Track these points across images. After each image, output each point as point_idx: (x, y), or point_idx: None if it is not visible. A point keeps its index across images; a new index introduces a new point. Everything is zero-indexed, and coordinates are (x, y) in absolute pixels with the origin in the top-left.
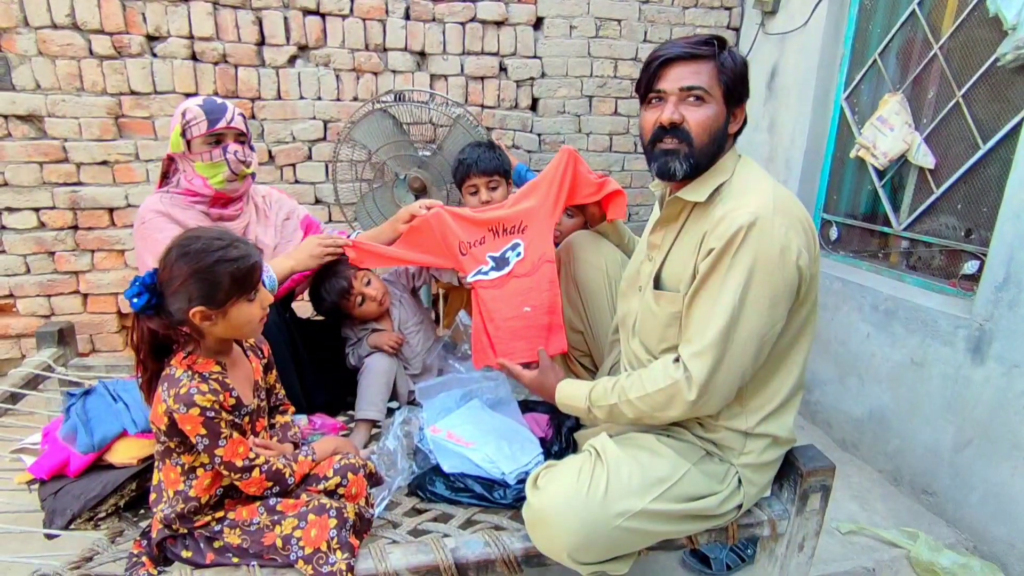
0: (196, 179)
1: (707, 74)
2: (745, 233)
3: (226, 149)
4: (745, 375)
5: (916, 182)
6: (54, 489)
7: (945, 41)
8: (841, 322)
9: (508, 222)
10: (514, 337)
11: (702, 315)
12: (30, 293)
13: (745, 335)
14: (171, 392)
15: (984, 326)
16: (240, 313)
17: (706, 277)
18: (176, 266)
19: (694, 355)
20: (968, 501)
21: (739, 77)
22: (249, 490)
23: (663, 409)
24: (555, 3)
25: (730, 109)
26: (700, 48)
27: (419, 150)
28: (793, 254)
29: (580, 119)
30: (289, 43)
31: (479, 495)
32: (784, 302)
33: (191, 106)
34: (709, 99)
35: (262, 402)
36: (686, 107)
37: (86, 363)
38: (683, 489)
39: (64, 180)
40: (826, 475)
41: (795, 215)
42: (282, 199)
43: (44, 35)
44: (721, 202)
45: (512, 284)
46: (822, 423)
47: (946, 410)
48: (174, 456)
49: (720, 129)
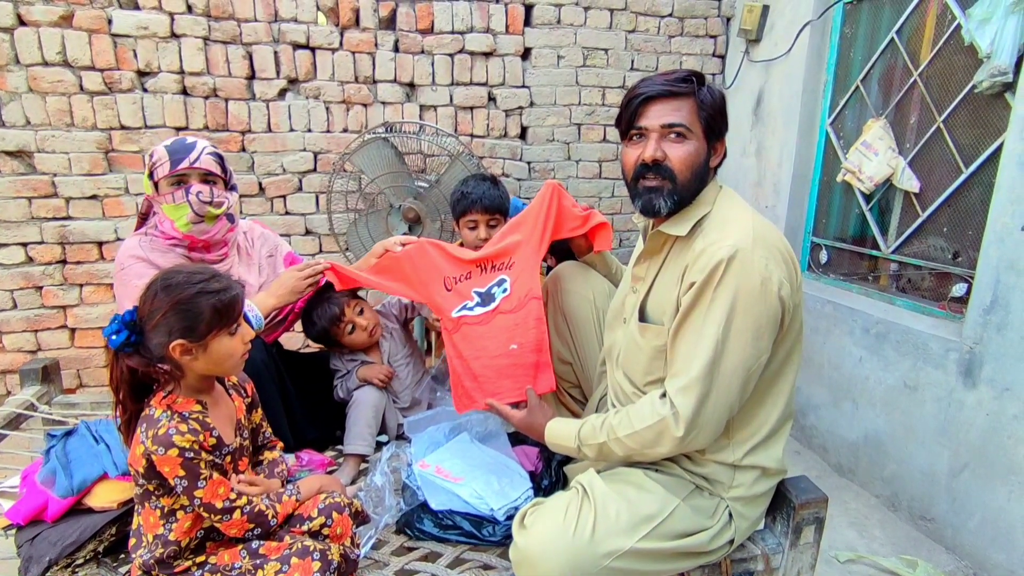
0: (166, 221)
1: (687, 111)
2: (726, 266)
3: (188, 190)
4: (732, 408)
5: (902, 205)
6: (31, 535)
7: (924, 68)
8: (833, 345)
9: (495, 259)
10: (501, 376)
11: (687, 349)
12: (16, 328)
13: (731, 368)
14: (149, 433)
15: (974, 349)
16: (221, 347)
17: (689, 311)
18: (157, 299)
19: (680, 390)
20: (967, 527)
21: (718, 112)
22: (230, 532)
23: (652, 446)
24: (543, 34)
25: (710, 144)
26: (679, 85)
27: (416, 180)
28: (774, 285)
29: (569, 147)
30: (279, 76)
31: (468, 533)
32: (768, 333)
33: (159, 148)
34: (690, 135)
35: (245, 441)
36: (667, 144)
37: (71, 400)
38: (672, 526)
39: (53, 215)
40: (819, 506)
41: (775, 246)
42: (265, 235)
43: (35, 72)
44: (702, 235)
45: (498, 320)
46: (818, 448)
47: (941, 434)
48: (153, 499)
49: (702, 164)
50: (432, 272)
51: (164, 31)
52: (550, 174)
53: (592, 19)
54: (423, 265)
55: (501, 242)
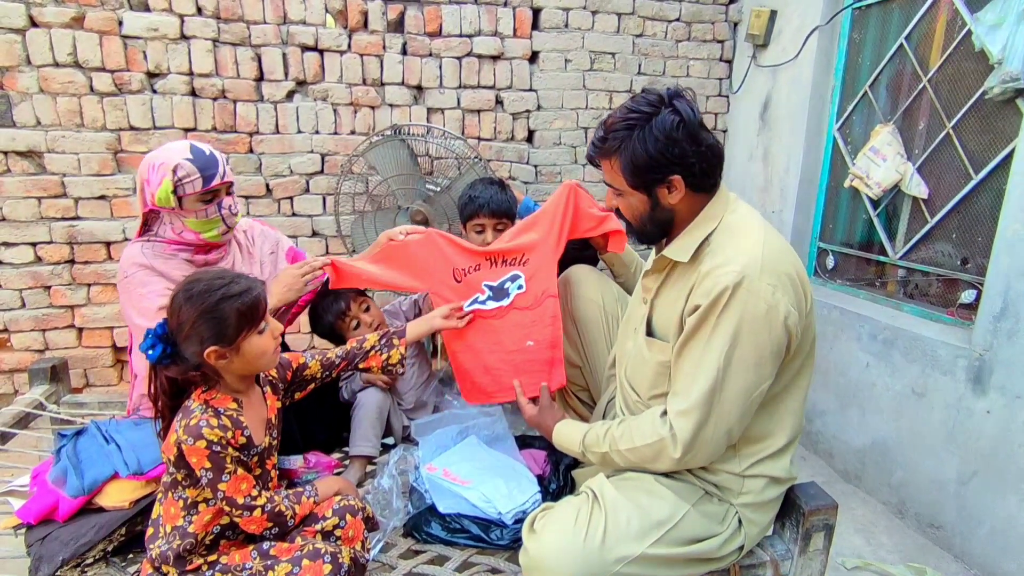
0: (188, 233)
1: (612, 171)
2: (731, 293)
3: (220, 205)
4: (732, 433)
5: (910, 211)
6: (41, 535)
7: (933, 74)
8: (840, 351)
9: (508, 254)
10: (516, 371)
11: (688, 372)
12: (25, 328)
13: (731, 395)
14: (183, 423)
15: (984, 356)
16: (253, 347)
17: (691, 334)
18: (183, 311)
19: (679, 414)
20: (976, 535)
21: (644, 163)
22: (249, 528)
23: (651, 462)
24: (550, 37)
25: (650, 190)
26: (597, 149)
27: (426, 183)
28: (780, 314)
29: (576, 150)
30: (287, 78)
31: (476, 536)
32: (771, 362)
33: (181, 161)
34: (623, 190)
35: (274, 440)
36: (614, 196)
37: (79, 400)
38: (683, 532)
39: (62, 215)
40: (829, 514)
41: (783, 271)
42: (265, 232)
43: (46, 73)
44: (709, 254)
45: (513, 316)
46: (823, 453)
47: (949, 441)
48: (179, 489)
49: (647, 212)
50: (441, 261)
51: (174, 33)
52: (557, 177)
53: (600, 23)
54: (431, 254)
55: (514, 239)
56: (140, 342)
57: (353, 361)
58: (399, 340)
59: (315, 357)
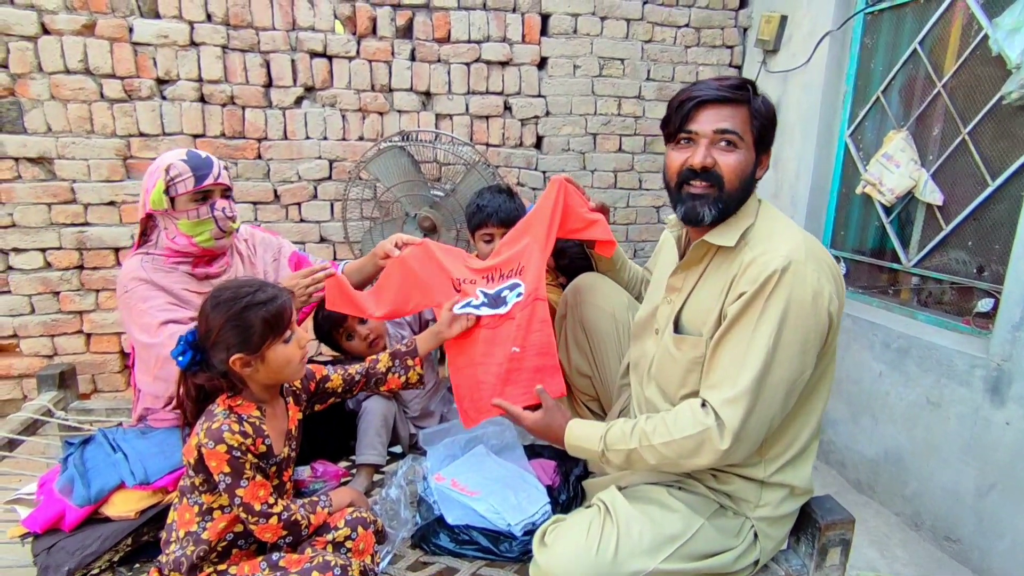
0: (180, 238)
1: (740, 119)
2: (779, 277)
3: (213, 206)
4: (774, 422)
5: (924, 218)
6: (48, 544)
7: (948, 79)
8: (853, 360)
9: (504, 267)
10: (505, 382)
11: (733, 360)
12: (33, 333)
13: (777, 381)
14: (205, 426)
15: (1002, 366)
16: (277, 356)
17: (736, 321)
18: (210, 319)
19: (727, 402)
20: (995, 549)
21: (770, 123)
22: (264, 536)
23: (690, 456)
24: (559, 43)
25: (759, 155)
26: (736, 92)
27: (432, 189)
28: (825, 300)
29: (584, 156)
30: (296, 84)
31: (485, 548)
32: (814, 348)
33: (175, 161)
34: (741, 144)
35: (292, 452)
36: (717, 151)
37: (86, 406)
38: (696, 546)
39: (71, 220)
40: (845, 528)
41: (825, 261)
42: (266, 239)
43: (57, 80)
44: (749, 246)
45: (505, 325)
46: (835, 463)
47: (966, 452)
48: (195, 494)
49: (749, 175)
50: (439, 274)
51: (184, 39)
52: None
53: (609, 29)
54: (428, 267)
55: (511, 249)
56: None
57: (371, 381)
58: (413, 360)
59: (337, 371)
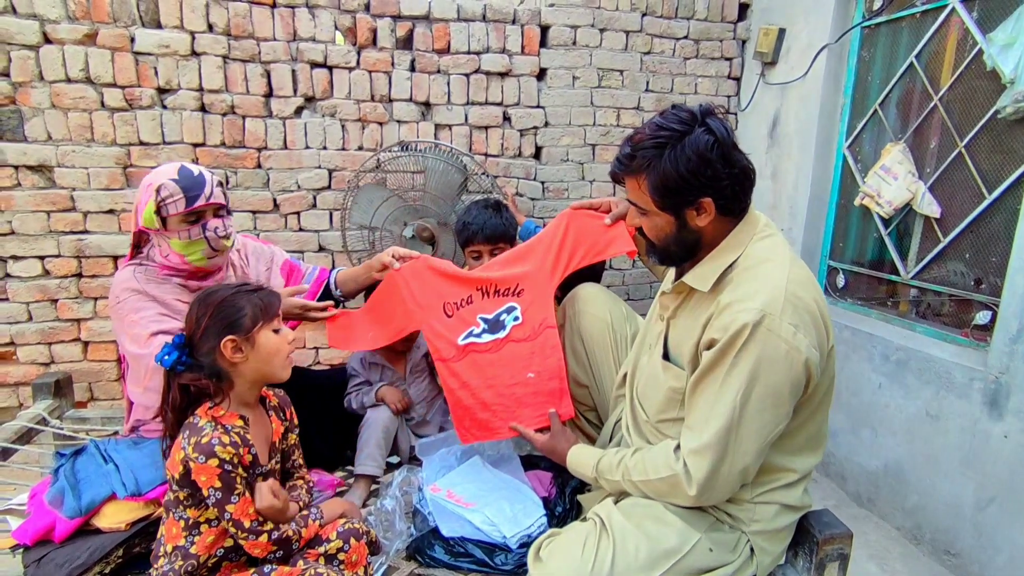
0: (173, 256)
1: (639, 188)
2: (751, 332)
3: (205, 227)
4: (748, 472)
5: (922, 230)
6: (38, 556)
7: (944, 92)
8: (851, 372)
9: (501, 284)
10: (520, 404)
11: (702, 409)
12: (31, 341)
13: (746, 435)
14: (192, 440)
15: (1000, 379)
16: (268, 342)
17: (707, 371)
18: (200, 308)
19: (693, 452)
20: (994, 563)
21: (676, 183)
22: (253, 551)
23: (666, 496)
24: (558, 55)
25: (678, 213)
26: (623, 166)
27: (411, 199)
28: (801, 355)
29: (583, 167)
30: (296, 95)
31: (480, 561)
32: (788, 401)
33: (165, 182)
34: (649, 210)
35: (277, 464)
36: (637, 215)
37: (82, 415)
38: (693, 561)
39: (70, 228)
40: (843, 542)
41: (806, 308)
42: (259, 249)
43: (58, 88)
44: (729, 286)
45: (509, 349)
46: (835, 476)
47: (965, 465)
48: (180, 509)
49: (673, 233)
50: (432, 296)
51: (185, 49)
52: (564, 194)
53: (608, 41)
54: (422, 289)
55: (507, 268)
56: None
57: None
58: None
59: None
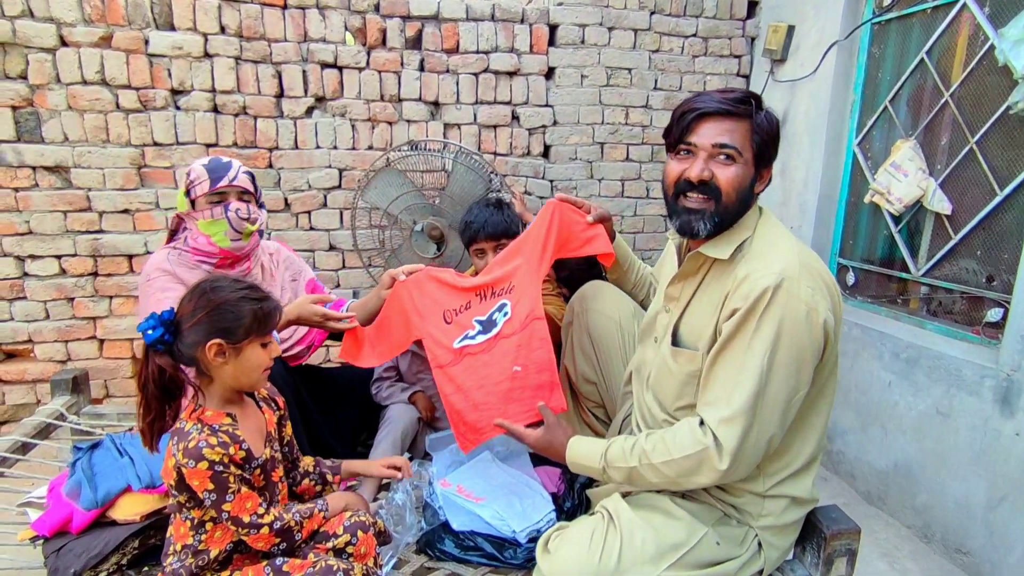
0: (200, 237)
1: (740, 133)
2: (772, 295)
3: (227, 207)
4: (773, 441)
5: (933, 227)
6: (56, 546)
7: (956, 89)
8: (861, 369)
9: (496, 285)
10: (507, 400)
11: (727, 378)
12: (48, 338)
13: (773, 400)
14: (180, 446)
15: (1012, 376)
16: (252, 355)
17: (730, 339)
18: (200, 299)
19: (723, 421)
20: (1006, 562)
21: (771, 139)
22: (256, 545)
23: (690, 475)
24: (566, 54)
25: (758, 169)
26: (737, 106)
27: (429, 198)
28: (820, 316)
29: (592, 165)
30: (307, 95)
31: (489, 554)
32: (810, 365)
33: (196, 166)
34: (740, 159)
35: (276, 453)
36: (716, 164)
37: (98, 411)
38: (700, 555)
39: (87, 228)
40: (851, 538)
41: (820, 276)
42: (291, 258)
43: (74, 90)
44: (744, 260)
45: (500, 346)
46: (845, 474)
47: (976, 464)
48: (184, 511)
49: (747, 189)
50: (431, 306)
51: (198, 51)
52: (572, 192)
53: (616, 39)
54: (423, 299)
55: (502, 268)
56: None
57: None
58: (333, 478)
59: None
